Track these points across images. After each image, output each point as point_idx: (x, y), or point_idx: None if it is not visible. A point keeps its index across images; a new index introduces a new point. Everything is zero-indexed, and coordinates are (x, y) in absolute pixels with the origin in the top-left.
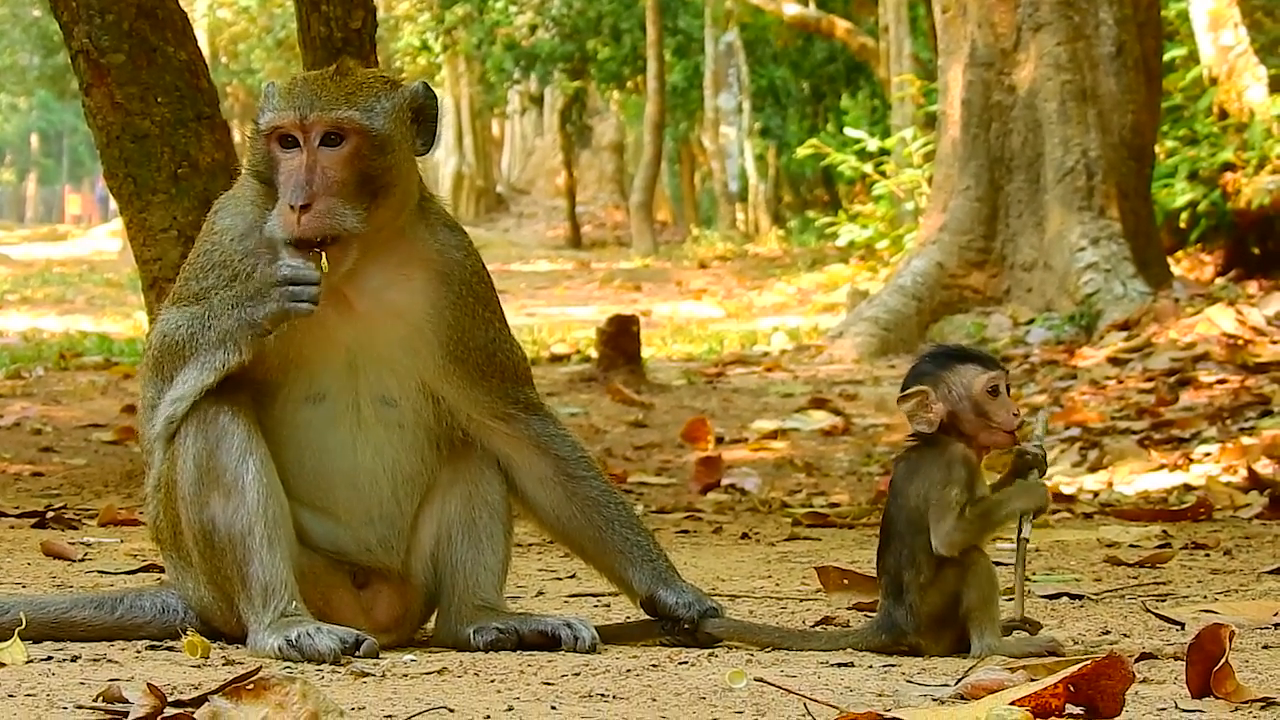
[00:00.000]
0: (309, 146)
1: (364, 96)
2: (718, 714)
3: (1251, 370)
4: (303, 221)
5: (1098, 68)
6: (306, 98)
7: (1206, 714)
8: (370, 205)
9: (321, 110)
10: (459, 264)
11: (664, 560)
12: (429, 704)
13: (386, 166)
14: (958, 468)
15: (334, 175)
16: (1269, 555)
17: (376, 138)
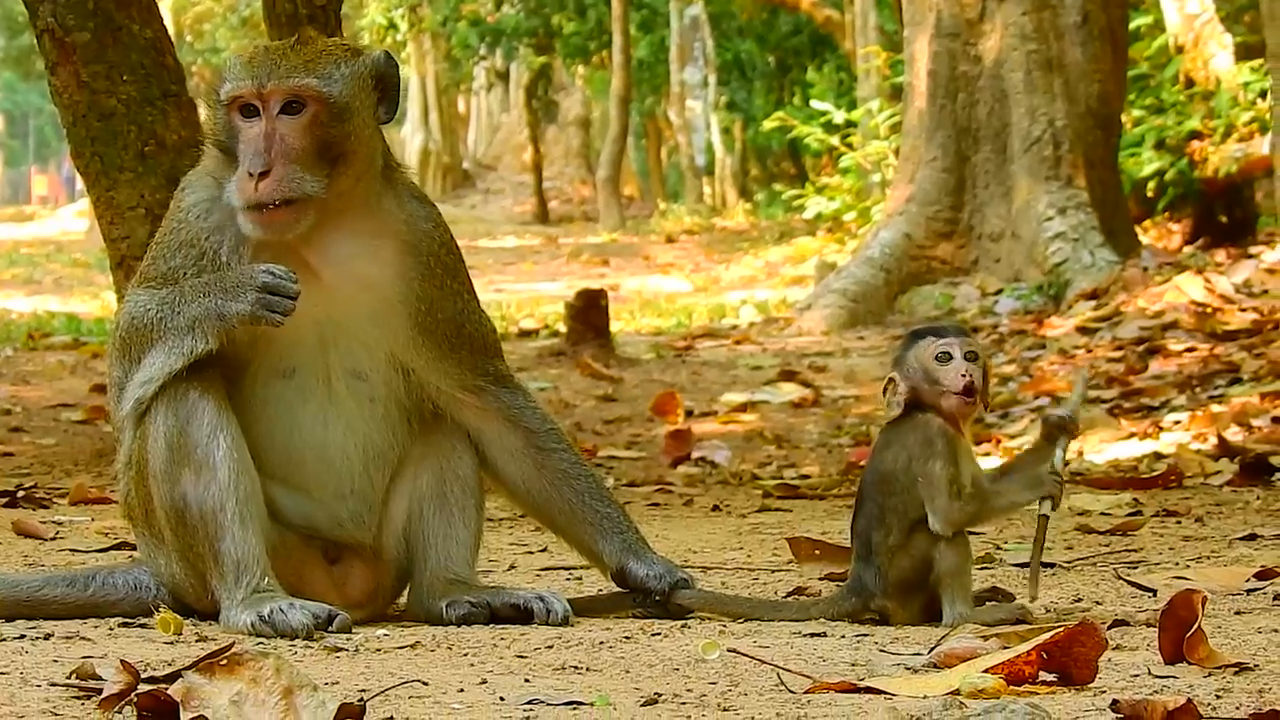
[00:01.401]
0: (268, 115)
1: (323, 64)
2: (691, 685)
3: (1220, 338)
4: (260, 187)
5: (1063, 37)
6: (266, 67)
7: (1180, 680)
8: (330, 172)
9: (280, 79)
10: (427, 235)
11: (634, 532)
12: (402, 678)
13: (346, 134)
14: (937, 440)
15: (293, 142)
16: (1239, 522)
17: (335, 105)
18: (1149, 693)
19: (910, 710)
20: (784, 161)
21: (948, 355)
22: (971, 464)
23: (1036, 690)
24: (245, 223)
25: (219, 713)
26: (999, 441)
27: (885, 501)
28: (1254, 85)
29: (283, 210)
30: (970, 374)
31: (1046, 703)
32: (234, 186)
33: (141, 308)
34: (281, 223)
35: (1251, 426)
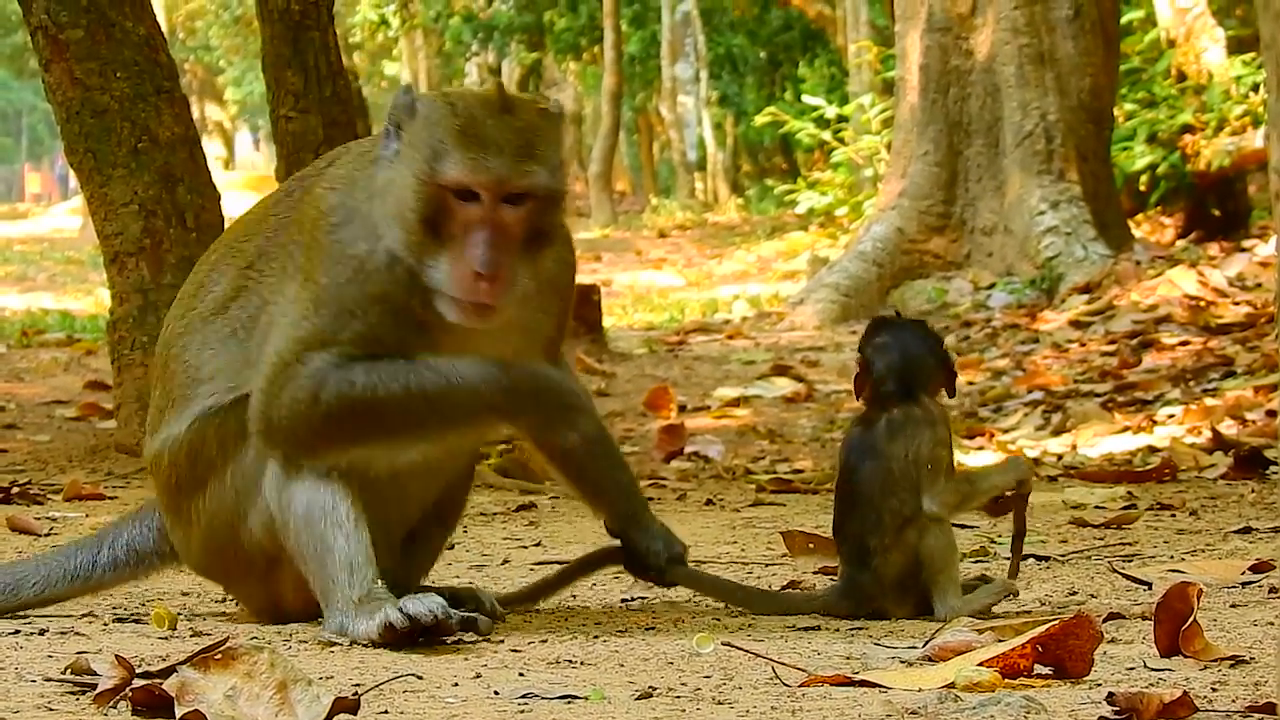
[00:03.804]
0: (492, 205)
1: (545, 149)
2: (685, 678)
3: (1213, 331)
4: (485, 289)
5: (1055, 31)
6: (499, 154)
7: (1175, 672)
8: (537, 257)
9: (512, 173)
10: (564, 272)
11: (639, 499)
12: (396, 672)
13: (557, 220)
14: (941, 427)
15: (514, 235)
16: (1234, 515)
17: (557, 194)
18: (1144, 685)
19: (905, 704)
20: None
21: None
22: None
23: (1032, 684)
24: (452, 311)
25: (214, 707)
26: (992, 435)
27: (884, 504)
28: (1246, 79)
29: (496, 308)
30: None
31: (1042, 696)
32: (451, 277)
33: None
34: (491, 317)
35: (1245, 420)
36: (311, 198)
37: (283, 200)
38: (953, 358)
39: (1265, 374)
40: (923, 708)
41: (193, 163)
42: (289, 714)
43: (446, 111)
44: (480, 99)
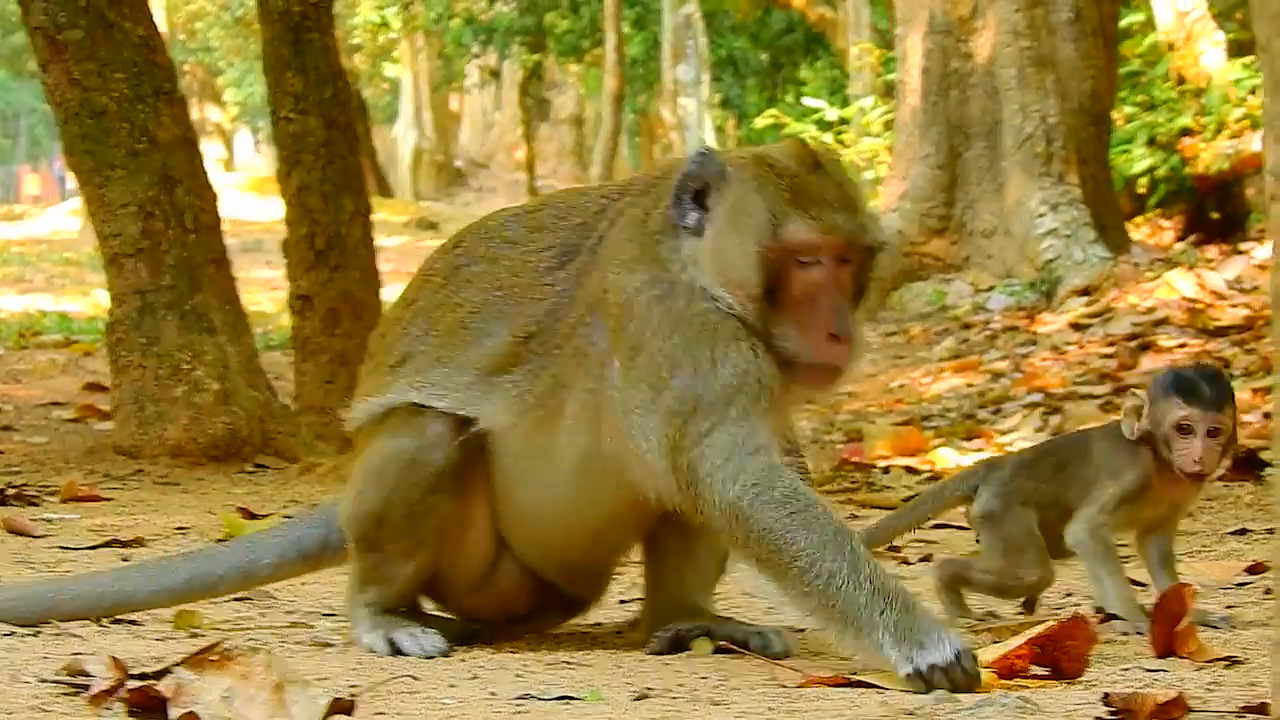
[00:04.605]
0: (831, 265)
1: (865, 205)
2: (683, 680)
3: (1212, 334)
4: (839, 353)
5: (1055, 34)
6: (841, 215)
7: (1170, 673)
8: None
9: (856, 231)
10: None
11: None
12: (393, 673)
13: (872, 279)
14: (1131, 475)
15: (848, 296)
16: (1231, 516)
17: (879, 252)
18: (1140, 686)
19: (903, 705)
20: None
21: (1189, 429)
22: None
23: (1028, 684)
24: (802, 376)
25: (209, 709)
26: (991, 438)
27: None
28: (1245, 82)
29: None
30: (1204, 460)
31: (1037, 696)
32: (800, 341)
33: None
34: (838, 381)
35: (1242, 422)
36: (606, 282)
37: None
38: None
39: (1262, 376)
40: (919, 709)
41: (191, 164)
42: (285, 715)
43: (767, 172)
44: (793, 156)
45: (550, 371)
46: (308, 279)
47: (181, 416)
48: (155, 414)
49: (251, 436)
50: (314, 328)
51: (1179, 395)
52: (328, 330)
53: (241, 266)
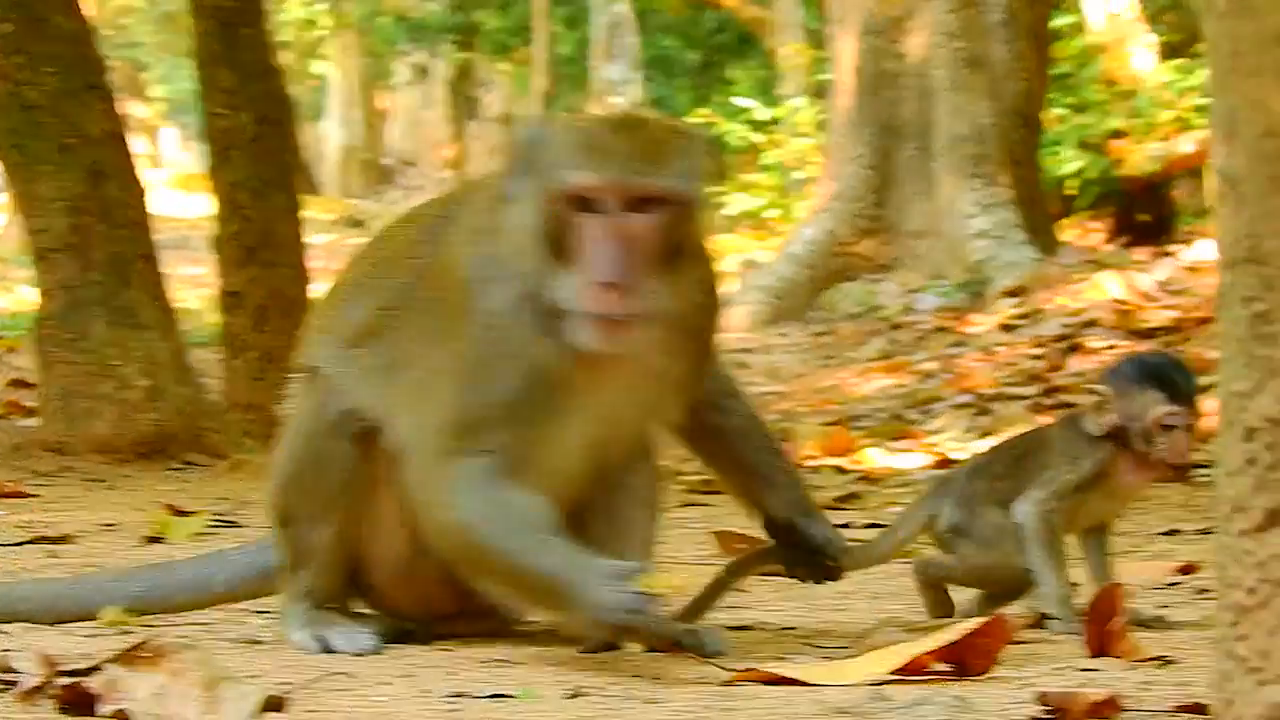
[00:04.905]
0: (613, 214)
1: (672, 157)
2: (616, 678)
3: (1141, 336)
4: (610, 301)
5: (988, 36)
6: (615, 157)
7: (1104, 673)
8: (669, 276)
9: (633, 175)
10: (709, 299)
11: (807, 492)
12: (325, 671)
13: (689, 234)
14: (1089, 464)
15: (643, 248)
16: (1160, 517)
17: (686, 205)
18: (1073, 685)
19: (836, 703)
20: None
21: (1174, 427)
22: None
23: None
24: (584, 331)
25: (140, 706)
26: (920, 438)
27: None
28: (1175, 84)
29: (629, 325)
30: (1187, 452)
31: (972, 695)
32: (570, 291)
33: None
34: (626, 340)
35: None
36: (452, 255)
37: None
38: None
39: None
40: (853, 706)
41: (121, 160)
42: (216, 713)
43: (568, 126)
44: (607, 116)
45: (400, 346)
46: (237, 275)
47: (109, 413)
48: (83, 410)
49: (180, 433)
50: (243, 324)
51: (1162, 391)
52: (257, 327)
53: (167, 263)
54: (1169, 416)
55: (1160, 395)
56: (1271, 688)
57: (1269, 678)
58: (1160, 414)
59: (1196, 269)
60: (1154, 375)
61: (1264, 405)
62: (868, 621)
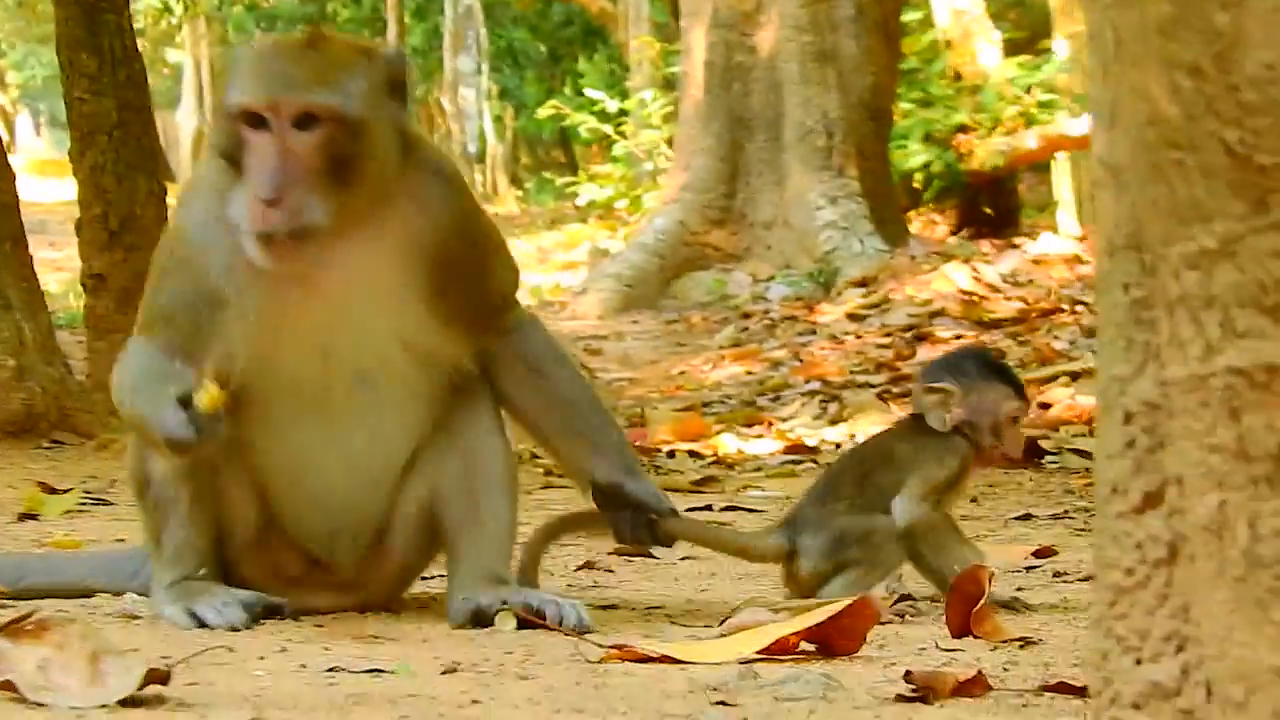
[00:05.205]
0: (279, 130)
1: (339, 75)
2: (489, 654)
3: (986, 326)
4: (270, 217)
5: (838, 30)
6: (278, 76)
7: (967, 653)
8: (345, 194)
9: (294, 92)
10: (439, 213)
11: (632, 455)
12: (205, 645)
13: (360, 152)
14: (952, 458)
15: (307, 164)
16: (1014, 502)
17: (352, 122)
18: (938, 665)
19: (707, 680)
20: (554, 150)
21: (1017, 420)
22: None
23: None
24: (251, 249)
25: (26, 678)
26: (771, 424)
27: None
28: (1020, 80)
29: (293, 242)
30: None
31: (840, 674)
32: (243, 210)
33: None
34: (291, 255)
35: None
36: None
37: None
38: None
39: (1037, 367)
40: (723, 684)
41: None
42: (101, 685)
43: (248, 50)
44: (290, 39)
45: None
46: (101, 259)
47: None
48: None
49: (48, 413)
50: (107, 306)
51: (1009, 386)
52: (121, 309)
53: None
54: (1017, 411)
55: (1009, 390)
56: (1149, 666)
57: (1146, 656)
58: (1011, 409)
59: (1041, 261)
60: (999, 372)
61: (1142, 389)
62: (733, 601)
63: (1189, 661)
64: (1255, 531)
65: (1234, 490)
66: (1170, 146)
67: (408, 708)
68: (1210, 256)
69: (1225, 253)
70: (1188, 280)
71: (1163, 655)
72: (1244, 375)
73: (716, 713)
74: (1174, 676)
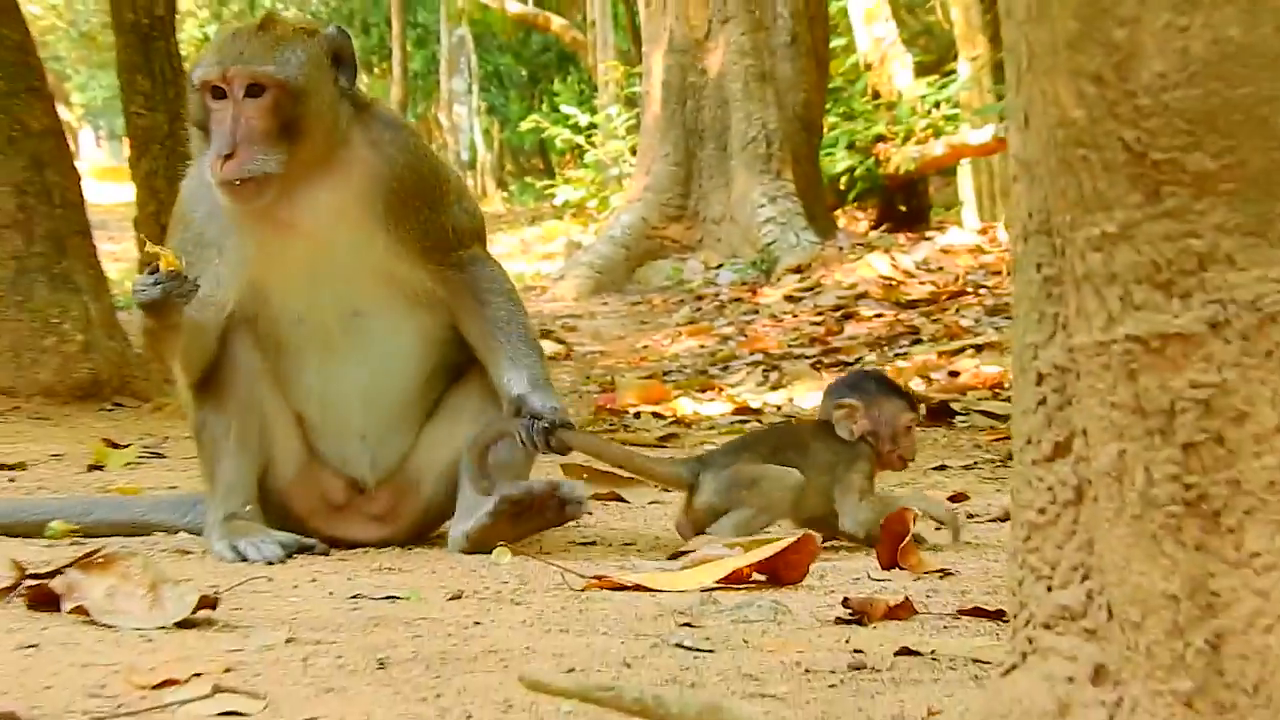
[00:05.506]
0: (234, 98)
1: (281, 49)
2: (488, 584)
3: (903, 306)
4: (225, 167)
5: (775, 54)
6: (231, 53)
7: (895, 583)
8: (291, 146)
9: (242, 64)
10: (392, 157)
11: (544, 376)
12: (248, 576)
13: (303, 113)
14: (863, 462)
15: (256, 124)
16: (930, 455)
17: (292, 88)
18: (871, 592)
19: (674, 605)
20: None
21: (911, 428)
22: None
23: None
24: (219, 196)
25: (95, 604)
26: (721, 390)
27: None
28: (929, 97)
29: (247, 185)
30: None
31: (788, 600)
32: (207, 165)
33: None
34: (246, 196)
35: (931, 379)
36: None
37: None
38: None
39: (946, 341)
40: (688, 609)
41: (59, 150)
42: (159, 609)
43: (216, 33)
44: (247, 23)
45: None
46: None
47: (52, 363)
48: (29, 360)
49: (111, 380)
50: None
51: (903, 400)
52: None
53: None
54: (912, 421)
55: (904, 404)
56: (1059, 592)
57: (1056, 584)
58: (906, 419)
59: (949, 251)
60: (894, 389)
61: (1052, 354)
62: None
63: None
64: (1150, 476)
65: (1131, 441)
66: (1076, 145)
67: (419, 628)
68: (1111, 240)
69: (1124, 236)
70: (1092, 260)
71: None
72: (1140, 342)
73: (683, 633)
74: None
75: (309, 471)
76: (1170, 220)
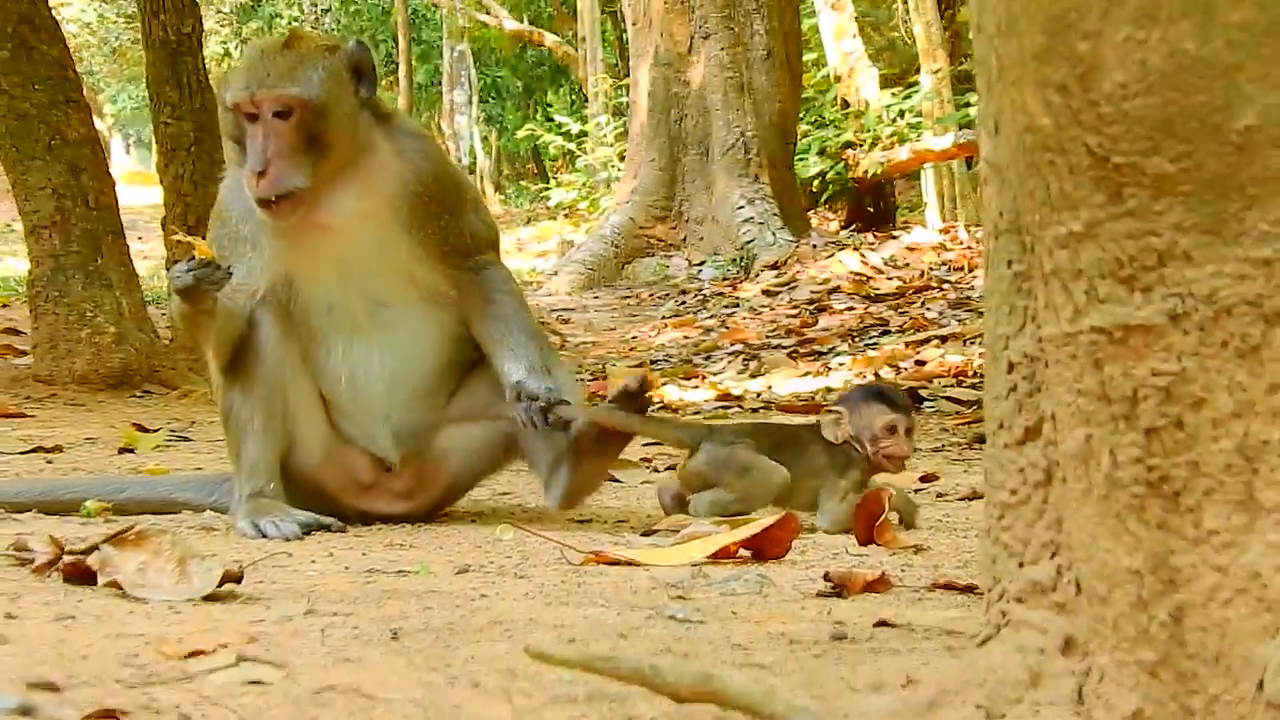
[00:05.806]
0: (264, 119)
1: (305, 68)
2: (492, 558)
3: (873, 300)
4: (259, 185)
5: (753, 67)
6: (258, 76)
7: (871, 558)
8: (319, 159)
9: (268, 89)
10: (415, 163)
11: (542, 363)
12: (269, 552)
13: (328, 127)
14: (854, 470)
15: (285, 142)
16: None
17: (317, 106)
18: (849, 567)
19: (666, 579)
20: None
21: (894, 429)
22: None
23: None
24: (258, 211)
25: (128, 578)
26: (705, 378)
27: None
28: (894, 107)
29: (282, 203)
30: (908, 450)
31: (773, 573)
32: (244, 182)
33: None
34: (281, 212)
35: (899, 368)
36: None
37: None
38: None
39: (913, 332)
40: (680, 582)
41: (94, 157)
42: (187, 583)
43: (246, 50)
44: (271, 40)
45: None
46: (181, 249)
47: (86, 353)
48: (65, 350)
49: (141, 369)
50: None
51: (884, 404)
52: None
53: None
54: (891, 422)
55: (884, 407)
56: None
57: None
58: (885, 420)
59: (914, 249)
60: (879, 396)
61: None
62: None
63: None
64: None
65: (1098, 426)
66: (1044, 150)
67: (429, 600)
68: (1077, 238)
69: (1089, 235)
70: (1059, 257)
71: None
72: (1105, 333)
73: (675, 605)
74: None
75: (338, 452)
76: (1132, 219)
